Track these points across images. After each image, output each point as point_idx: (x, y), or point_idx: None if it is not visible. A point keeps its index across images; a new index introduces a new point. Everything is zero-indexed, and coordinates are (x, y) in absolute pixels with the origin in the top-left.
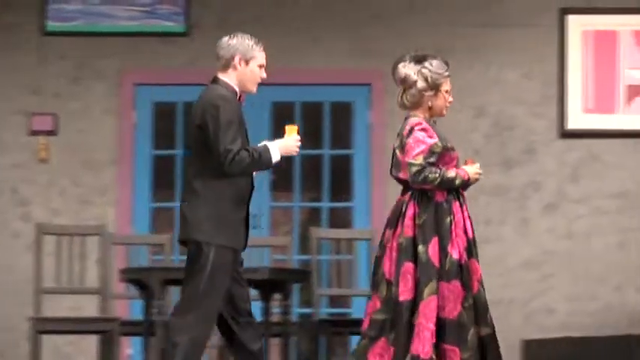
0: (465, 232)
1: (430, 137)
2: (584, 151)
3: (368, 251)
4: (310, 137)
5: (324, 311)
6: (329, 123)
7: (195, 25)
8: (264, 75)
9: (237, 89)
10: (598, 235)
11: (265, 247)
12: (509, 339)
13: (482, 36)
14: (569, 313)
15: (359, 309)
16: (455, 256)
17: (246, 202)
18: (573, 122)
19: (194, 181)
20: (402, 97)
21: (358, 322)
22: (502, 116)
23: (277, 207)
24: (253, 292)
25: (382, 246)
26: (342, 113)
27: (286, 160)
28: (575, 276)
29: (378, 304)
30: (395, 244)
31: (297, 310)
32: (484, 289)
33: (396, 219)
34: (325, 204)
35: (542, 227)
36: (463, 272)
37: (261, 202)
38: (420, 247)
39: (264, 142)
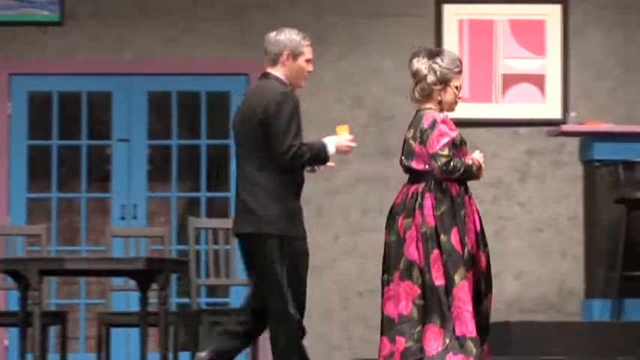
0: (474, 224)
1: (452, 130)
2: None
3: None
4: (187, 127)
5: (202, 301)
6: (206, 113)
7: (70, 14)
8: (311, 68)
9: (287, 83)
10: None
11: (142, 237)
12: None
13: (360, 26)
14: None
15: (237, 298)
16: (469, 247)
17: (300, 194)
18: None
19: (258, 175)
20: (413, 90)
21: (237, 312)
22: (380, 106)
23: (154, 197)
24: (131, 283)
25: (396, 233)
26: (220, 103)
27: (162, 150)
28: None
29: (418, 290)
30: (416, 233)
31: (175, 300)
32: (485, 282)
33: (412, 208)
34: (203, 194)
35: None
36: (474, 263)
37: (138, 192)
38: (443, 237)
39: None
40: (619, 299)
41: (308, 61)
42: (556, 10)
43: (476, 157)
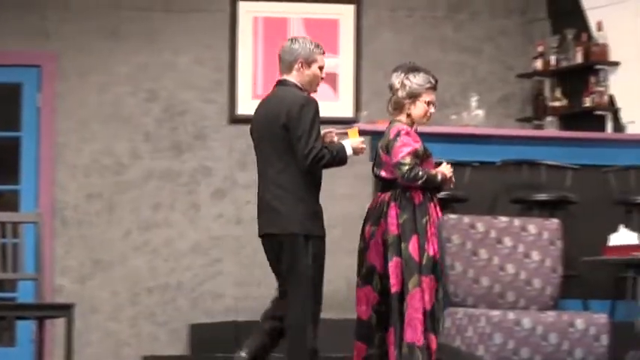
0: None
1: (416, 141)
2: None
3: (35, 235)
4: None
5: None
6: None
7: None
8: (324, 75)
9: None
10: None
11: None
12: (176, 323)
13: (155, 20)
14: (236, 298)
15: (25, 293)
16: (430, 252)
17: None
18: (243, 108)
19: (280, 177)
20: (388, 102)
21: (26, 307)
22: (174, 101)
23: None
24: None
25: (364, 240)
26: (11, 95)
27: None
28: (243, 261)
29: (377, 297)
30: (381, 240)
31: None
32: None
33: (378, 216)
34: None
35: (211, 213)
36: (437, 267)
37: None
38: (403, 245)
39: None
40: None
41: (321, 68)
42: (349, 10)
43: (443, 169)
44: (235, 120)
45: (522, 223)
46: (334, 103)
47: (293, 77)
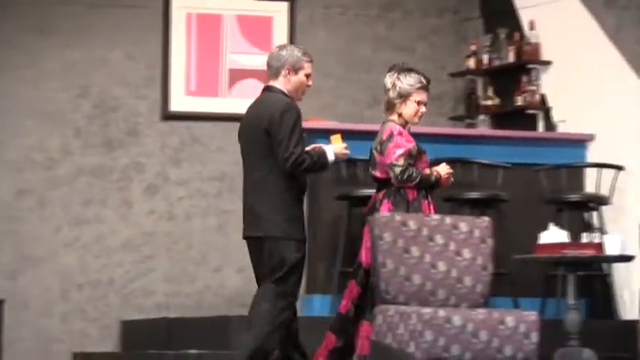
0: None
1: (408, 141)
2: (186, 134)
3: None
4: None
5: None
6: None
7: None
8: (311, 83)
9: (288, 95)
10: (198, 217)
11: None
12: (107, 320)
13: (87, 15)
14: (168, 295)
15: None
16: None
17: (303, 198)
18: (176, 105)
19: (263, 181)
20: (384, 102)
21: None
22: (106, 97)
23: None
24: None
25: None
26: None
27: None
28: (175, 257)
29: (359, 291)
30: (369, 237)
31: None
32: None
33: (371, 214)
34: None
35: (143, 209)
36: None
37: None
38: None
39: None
40: (339, 295)
41: (307, 75)
42: (283, 7)
43: (439, 168)
44: (168, 116)
45: (454, 221)
46: None
47: (279, 84)
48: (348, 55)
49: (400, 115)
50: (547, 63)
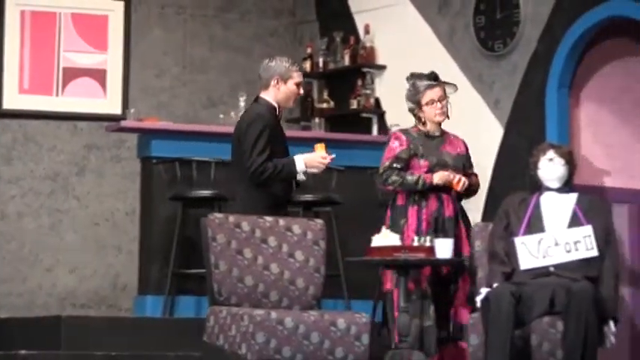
0: (418, 234)
1: (401, 145)
2: (19, 132)
3: None
4: None
5: None
6: None
7: None
8: (301, 91)
9: (276, 105)
10: (30, 216)
11: None
12: None
13: None
14: None
15: None
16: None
17: (283, 206)
18: (9, 102)
19: (236, 187)
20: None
21: None
22: None
23: None
24: None
25: None
26: None
27: None
28: (6, 257)
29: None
30: None
31: None
32: (430, 287)
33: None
34: None
35: None
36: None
37: None
38: None
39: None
40: (171, 296)
41: (298, 84)
42: (119, 6)
43: (436, 175)
44: (0, 114)
45: (287, 223)
46: (102, 100)
47: (269, 94)
48: (184, 55)
49: (421, 120)
50: (382, 67)
